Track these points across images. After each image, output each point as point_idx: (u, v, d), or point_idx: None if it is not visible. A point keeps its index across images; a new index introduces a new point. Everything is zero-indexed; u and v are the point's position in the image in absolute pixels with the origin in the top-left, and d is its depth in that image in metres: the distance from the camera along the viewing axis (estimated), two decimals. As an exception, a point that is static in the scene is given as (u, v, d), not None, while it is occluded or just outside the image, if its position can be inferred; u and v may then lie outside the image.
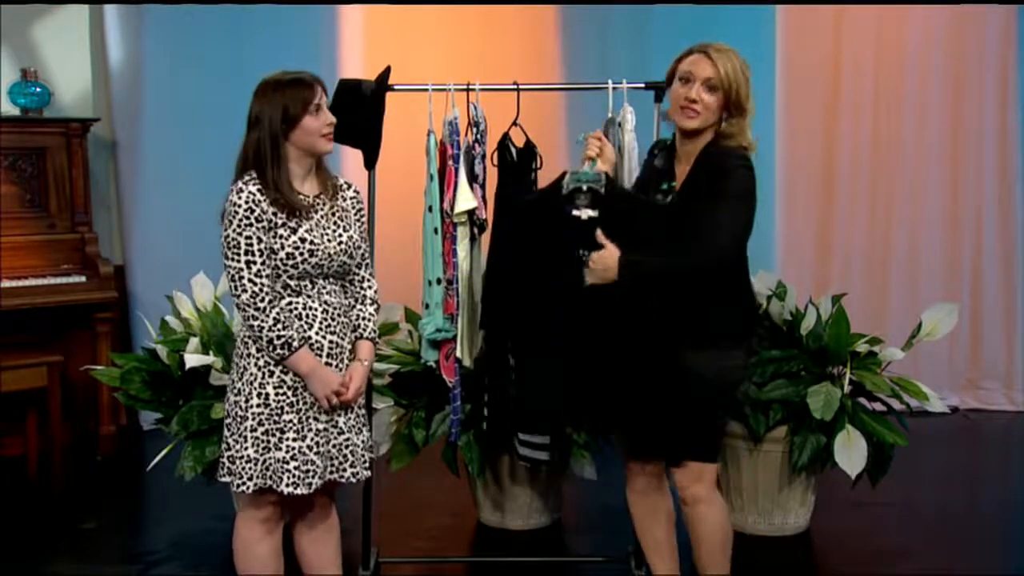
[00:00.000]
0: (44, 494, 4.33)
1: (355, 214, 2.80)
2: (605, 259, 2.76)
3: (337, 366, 2.73)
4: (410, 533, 3.93)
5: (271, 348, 2.63)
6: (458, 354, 3.26)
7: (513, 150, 3.26)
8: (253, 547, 2.81)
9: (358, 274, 2.82)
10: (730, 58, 2.77)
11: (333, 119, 2.70)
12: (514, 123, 3.24)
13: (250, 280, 2.60)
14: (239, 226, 2.59)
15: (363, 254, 2.81)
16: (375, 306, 2.84)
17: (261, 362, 2.67)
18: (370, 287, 2.84)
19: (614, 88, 3.18)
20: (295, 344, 2.63)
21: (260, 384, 2.66)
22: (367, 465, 2.82)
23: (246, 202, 2.59)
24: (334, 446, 2.73)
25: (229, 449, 2.71)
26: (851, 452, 3.62)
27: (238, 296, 2.62)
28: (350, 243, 2.74)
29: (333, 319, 2.72)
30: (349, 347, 2.78)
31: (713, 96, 2.76)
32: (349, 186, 2.83)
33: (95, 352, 4.73)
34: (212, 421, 3.53)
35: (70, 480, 4.47)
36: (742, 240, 2.74)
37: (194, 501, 4.04)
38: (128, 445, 4.95)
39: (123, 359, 3.88)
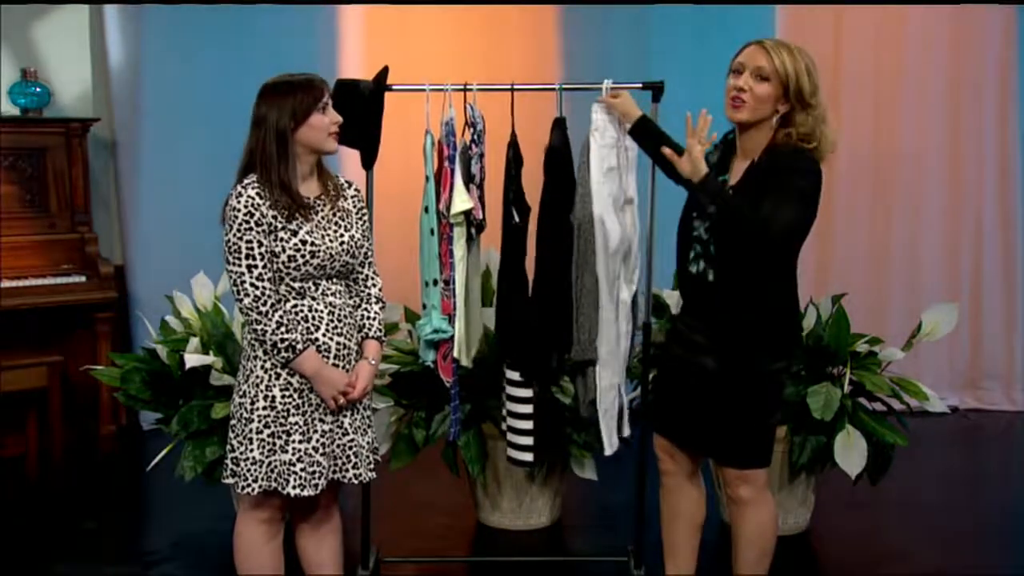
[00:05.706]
0: (44, 494, 4.33)
1: (357, 213, 2.79)
2: (696, 161, 2.61)
3: (344, 367, 2.73)
4: (410, 533, 3.93)
5: (275, 352, 2.63)
6: (456, 354, 3.25)
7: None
8: (255, 548, 2.81)
9: (362, 273, 2.82)
10: (788, 49, 2.65)
11: (339, 119, 2.69)
12: (513, 124, 3.23)
13: (251, 284, 2.60)
14: (239, 230, 2.59)
15: (366, 253, 2.81)
16: (380, 304, 2.84)
17: (267, 365, 2.66)
18: (374, 286, 2.84)
19: (612, 88, 3.16)
20: (299, 347, 2.63)
21: (266, 387, 2.66)
22: (371, 467, 2.81)
23: (245, 206, 2.58)
24: (338, 446, 2.73)
25: (234, 451, 2.70)
26: (851, 452, 3.62)
27: (240, 300, 2.61)
28: (352, 243, 2.73)
29: (339, 320, 2.72)
30: (356, 347, 2.78)
31: (764, 86, 2.64)
32: (350, 185, 2.83)
33: (95, 352, 4.73)
34: (212, 421, 3.53)
35: (70, 480, 4.47)
36: (792, 238, 2.63)
37: (194, 501, 4.04)
38: (128, 445, 4.95)
39: (123, 359, 3.88)
